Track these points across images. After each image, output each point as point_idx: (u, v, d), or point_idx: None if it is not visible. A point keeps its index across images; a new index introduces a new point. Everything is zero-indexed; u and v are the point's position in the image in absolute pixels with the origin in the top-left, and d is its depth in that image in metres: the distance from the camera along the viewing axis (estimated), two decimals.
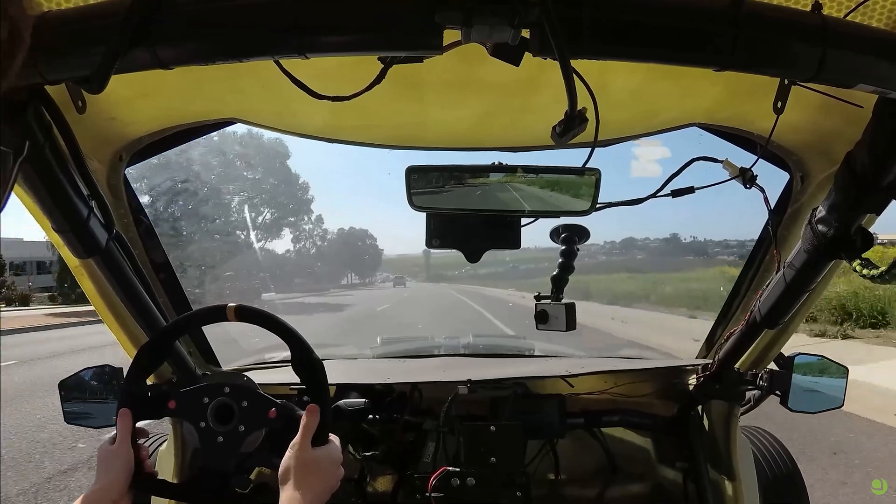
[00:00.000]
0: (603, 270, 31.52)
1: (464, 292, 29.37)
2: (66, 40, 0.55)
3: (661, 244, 40.35)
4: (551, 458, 1.44)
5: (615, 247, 46.76)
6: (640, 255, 39.42)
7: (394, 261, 77.54)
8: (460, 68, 0.84)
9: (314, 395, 0.92)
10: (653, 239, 49.02)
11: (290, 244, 40.65)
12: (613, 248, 46.71)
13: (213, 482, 0.89)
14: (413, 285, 50.78)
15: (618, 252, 44.74)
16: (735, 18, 0.54)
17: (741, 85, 0.86)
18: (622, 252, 44.14)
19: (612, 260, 40.66)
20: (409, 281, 57.07)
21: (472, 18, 0.51)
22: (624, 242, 47.16)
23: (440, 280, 53.32)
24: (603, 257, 42.93)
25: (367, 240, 59.39)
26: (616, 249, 46.03)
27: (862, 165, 0.70)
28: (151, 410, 0.94)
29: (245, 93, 0.96)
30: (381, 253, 64.10)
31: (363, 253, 57.93)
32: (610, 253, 45.17)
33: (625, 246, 45.86)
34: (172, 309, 1.24)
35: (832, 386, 1.26)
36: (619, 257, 41.84)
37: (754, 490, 1.34)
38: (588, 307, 14.05)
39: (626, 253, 43.13)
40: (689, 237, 42.63)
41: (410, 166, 0.88)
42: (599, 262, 38.44)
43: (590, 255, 45.63)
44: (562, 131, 0.62)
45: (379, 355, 1.88)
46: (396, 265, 74.62)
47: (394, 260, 78.92)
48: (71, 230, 0.82)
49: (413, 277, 63.71)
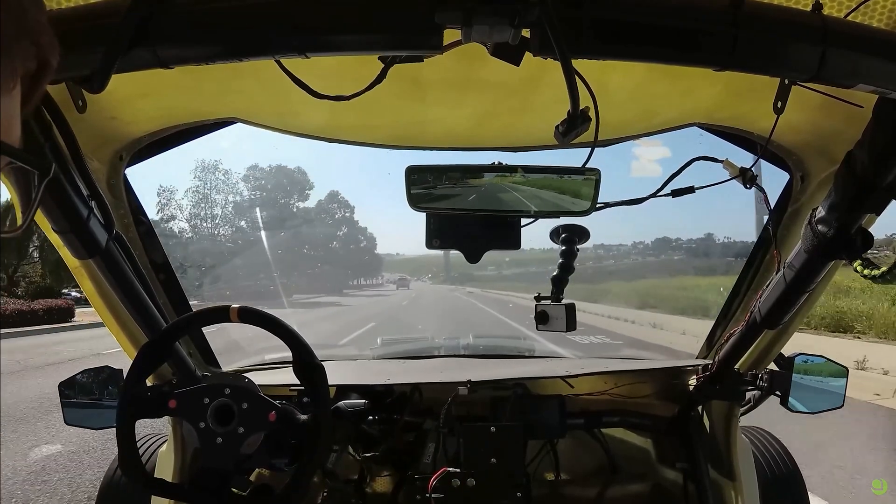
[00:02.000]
0: (657, 274, 28.33)
1: (486, 301, 23.13)
2: (67, 40, 0.55)
3: (699, 244, 35.76)
4: (551, 458, 1.44)
5: (648, 248, 43.92)
6: (677, 255, 35.45)
7: (412, 261, 75.48)
8: (461, 68, 0.84)
9: (314, 399, 0.92)
10: (685, 239, 44.69)
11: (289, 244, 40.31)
12: (647, 250, 43.19)
13: (212, 482, 0.89)
14: (419, 287, 46.85)
15: (651, 253, 41.31)
16: (735, 18, 0.54)
17: (741, 85, 0.86)
18: (655, 253, 40.22)
19: (648, 262, 38.04)
20: (413, 282, 53.90)
21: (473, 18, 0.51)
22: (657, 243, 42.95)
23: (465, 282, 45.67)
24: (637, 258, 40.15)
25: (365, 240, 57.41)
26: (650, 251, 42.55)
27: (862, 165, 0.70)
28: (152, 409, 0.94)
29: (245, 93, 0.96)
30: (392, 255, 61.91)
31: (364, 253, 55.44)
32: (644, 254, 42.52)
33: (658, 247, 41.56)
34: (172, 309, 1.23)
35: (832, 386, 1.26)
36: (652, 258, 39.02)
37: (754, 490, 1.33)
38: (657, 318, 12.38)
39: (661, 253, 39.52)
40: (722, 237, 38.59)
41: (410, 166, 0.88)
42: (640, 265, 35.69)
43: (618, 257, 42.34)
44: (565, 130, 0.62)
45: (379, 356, 1.88)
46: (411, 266, 72.75)
47: (413, 260, 76.87)
48: (71, 230, 0.82)
49: (431, 279, 59.46)
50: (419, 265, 70.31)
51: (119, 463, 0.93)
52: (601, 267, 37.31)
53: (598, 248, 47.63)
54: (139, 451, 1.05)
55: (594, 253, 44.21)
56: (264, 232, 29.86)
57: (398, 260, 73.19)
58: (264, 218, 32.42)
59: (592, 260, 42.08)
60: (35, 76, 0.37)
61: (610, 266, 38.95)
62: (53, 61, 0.38)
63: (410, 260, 75.21)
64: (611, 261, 43.53)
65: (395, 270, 64.48)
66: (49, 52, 0.37)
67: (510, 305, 18.51)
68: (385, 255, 71.71)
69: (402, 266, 70.33)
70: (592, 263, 39.64)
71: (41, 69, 0.37)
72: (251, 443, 0.91)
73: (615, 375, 1.46)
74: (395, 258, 73.00)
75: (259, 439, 0.92)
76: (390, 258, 73.68)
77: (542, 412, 1.33)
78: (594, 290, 20.92)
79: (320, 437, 0.92)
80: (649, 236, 48.25)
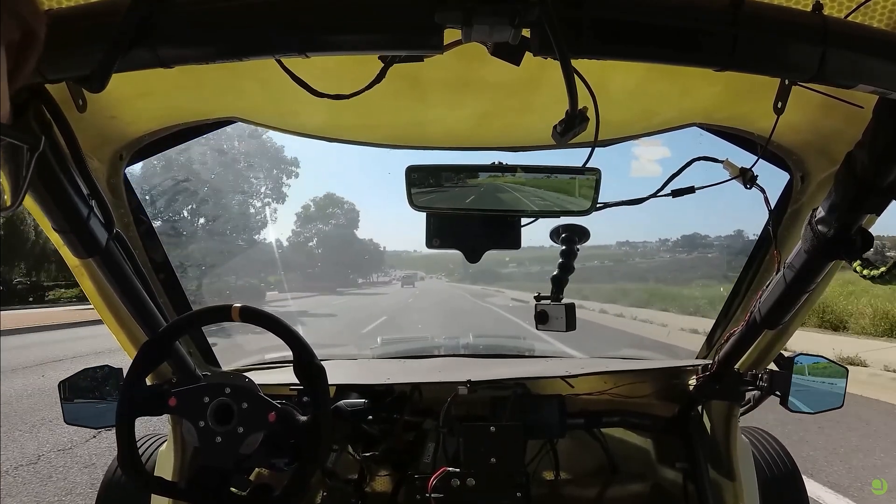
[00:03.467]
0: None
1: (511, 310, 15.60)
2: (67, 39, 0.55)
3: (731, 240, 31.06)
4: (551, 458, 1.44)
5: (678, 244, 38.27)
6: (710, 253, 31.23)
7: (426, 258, 73.49)
8: (461, 68, 0.84)
9: (314, 400, 0.92)
10: (714, 236, 39.32)
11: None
12: (677, 246, 37.78)
13: (211, 482, 0.89)
14: (426, 286, 42.00)
15: (683, 251, 35.93)
16: (735, 19, 0.54)
17: (741, 85, 0.86)
18: (688, 250, 35.01)
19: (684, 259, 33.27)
20: (429, 279, 50.85)
21: (473, 18, 0.51)
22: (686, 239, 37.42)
23: (491, 281, 37.47)
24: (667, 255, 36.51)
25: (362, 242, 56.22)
26: (680, 248, 37.23)
27: (862, 165, 0.70)
28: (151, 407, 0.94)
29: (245, 92, 0.96)
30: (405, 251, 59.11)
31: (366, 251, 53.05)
32: (674, 251, 37.60)
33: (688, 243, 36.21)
34: (172, 309, 1.24)
35: (832, 386, 1.26)
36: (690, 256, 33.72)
37: (754, 490, 1.33)
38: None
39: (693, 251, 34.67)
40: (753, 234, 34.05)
41: (410, 166, 0.88)
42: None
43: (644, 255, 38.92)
44: (563, 130, 0.62)
45: (379, 356, 1.88)
46: (426, 262, 70.87)
47: (427, 256, 74.52)
48: (71, 230, 0.82)
49: (447, 276, 53.72)
50: (433, 262, 68.88)
51: (119, 462, 0.93)
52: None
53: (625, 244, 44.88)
54: (139, 450, 1.05)
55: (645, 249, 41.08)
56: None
57: (414, 257, 72.21)
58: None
59: (639, 256, 39.67)
60: (21, 47, 0.36)
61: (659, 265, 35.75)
62: (40, 32, 0.37)
63: (425, 257, 74.22)
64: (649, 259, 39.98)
65: (410, 267, 62.72)
66: (34, 22, 0.36)
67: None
68: (402, 252, 70.50)
69: (416, 263, 68.99)
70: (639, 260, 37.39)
71: (26, 40, 0.36)
72: (251, 442, 0.91)
73: (615, 375, 1.46)
74: (412, 255, 72.02)
75: (259, 439, 0.92)
76: (407, 255, 72.59)
77: (542, 412, 1.33)
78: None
79: (320, 438, 0.92)
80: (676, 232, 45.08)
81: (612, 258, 40.35)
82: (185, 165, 19.38)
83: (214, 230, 21.20)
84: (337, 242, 42.85)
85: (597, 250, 38.54)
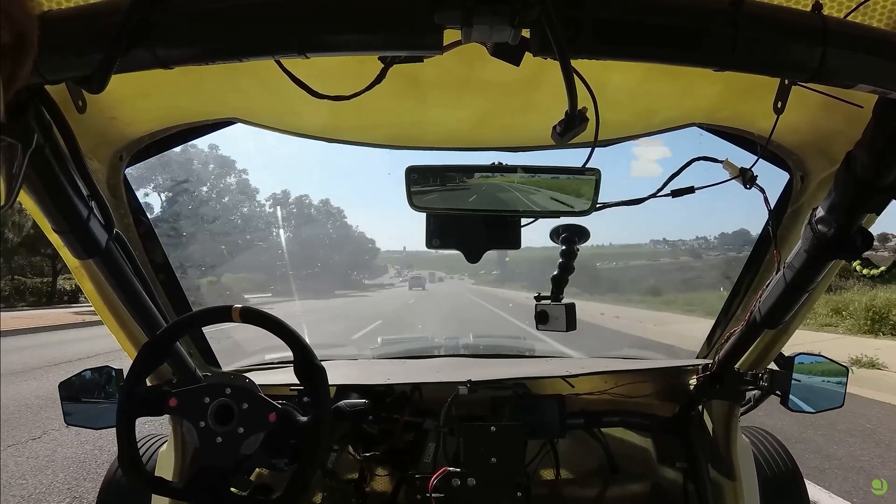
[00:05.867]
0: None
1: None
2: (67, 40, 0.55)
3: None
4: (551, 458, 1.44)
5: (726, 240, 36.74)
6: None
7: (449, 257, 71.57)
8: (460, 68, 0.84)
9: (314, 400, 0.92)
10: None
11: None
12: (725, 243, 36.03)
13: (212, 482, 0.89)
14: (440, 289, 38.34)
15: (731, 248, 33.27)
16: (735, 19, 0.53)
17: (741, 85, 0.86)
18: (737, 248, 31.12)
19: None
20: (439, 281, 47.60)
21: (472, 18, 0.51)
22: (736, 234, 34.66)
23: (517, 284, 34.91)
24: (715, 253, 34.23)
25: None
26: (727, 245, 35.22)
27: (862, 165, 0.70)
28: (152, 408, 0.94)
29: (245, 93, 0.96)
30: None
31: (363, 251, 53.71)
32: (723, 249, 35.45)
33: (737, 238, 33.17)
34: (172, 309, 1.23)
35: (832, 386, 1.26)
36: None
37: (754, 490, 1.33)
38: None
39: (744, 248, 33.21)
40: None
41: (410, 166, 0.88)
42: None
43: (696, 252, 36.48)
44: (562, 131, 0.62)
45: (379, 356, 1.88)
46: (448, 262, 70.14)
47: (450, 256, 72.90)
48: (71, 230, 0.82)
49: (471, 277, 50.98)
50: (457, 261, 67.17)
51: (119, 462, 0.93)
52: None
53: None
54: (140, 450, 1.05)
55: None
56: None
57: (435, 256, 71.56)
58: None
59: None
60: (14, 50, 0.36)
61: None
62: (33, 36, 0.37)
63: (447, 256, 73.17)
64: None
65: (431, 268, 61.46)
66: (25, 26, 0.36)
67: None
68: (422, 252, 69.62)
69: (436, 263, 67.97)
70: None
71: (19, 43, 0.36)
72: (251, 443, 0.91)
73: (615, 375, 1.46)
74: (432, 255, 71.47)
75: (259, 439, 0.92)
76: (426, 254, 71.98)
77: (543, 412, 1.33)
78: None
79: (320, 438, 0.92)
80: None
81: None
82: (185, 165, 19.36)
83: (214, 230, 21.16)
84: (343, 244, 42.92)
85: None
